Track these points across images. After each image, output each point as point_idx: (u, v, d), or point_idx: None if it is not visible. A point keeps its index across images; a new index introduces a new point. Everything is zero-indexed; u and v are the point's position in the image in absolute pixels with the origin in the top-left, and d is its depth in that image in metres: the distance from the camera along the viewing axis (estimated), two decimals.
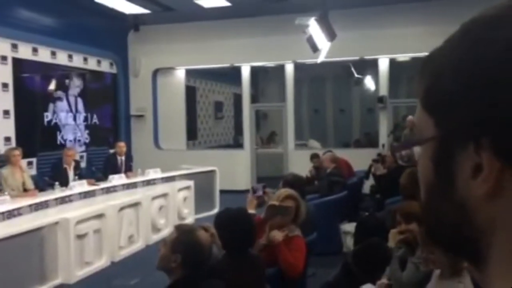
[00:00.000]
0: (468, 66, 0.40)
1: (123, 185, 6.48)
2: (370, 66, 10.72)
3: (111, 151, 8.05)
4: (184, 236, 2.09)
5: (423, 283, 2.52)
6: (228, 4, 8.64)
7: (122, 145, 7.64)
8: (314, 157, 7.30)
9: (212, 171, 8.00)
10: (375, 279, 2.51)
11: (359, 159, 7.64)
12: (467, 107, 0.39)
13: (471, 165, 0.39)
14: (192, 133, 11.86)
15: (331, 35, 7.01)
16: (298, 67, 10.10)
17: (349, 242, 5.11)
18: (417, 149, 0.46)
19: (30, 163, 7.38)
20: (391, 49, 9.03)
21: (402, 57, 9.60)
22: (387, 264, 2.76)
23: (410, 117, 8.17)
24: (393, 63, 9.49)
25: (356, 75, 11.72)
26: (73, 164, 6.61)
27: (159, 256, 2.09)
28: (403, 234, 2.73)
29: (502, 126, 0.38)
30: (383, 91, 9.52)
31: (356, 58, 9.76)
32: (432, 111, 0.43)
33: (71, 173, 6.55)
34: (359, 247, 2.89)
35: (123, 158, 7.57)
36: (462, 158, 0.40)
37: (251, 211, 3.35)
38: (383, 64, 9.49)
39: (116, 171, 7.07)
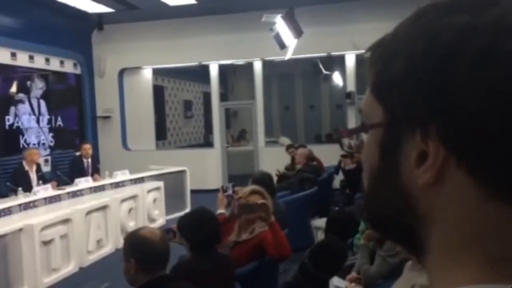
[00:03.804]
0: (418, 53, 0.39)
1: (90, 188, 6.32)
2: (338, 62, 10.85)
3: (77, 153, 7.85)
4: (129, 239, 2.06)
5: (392, 275, 2.56)
6: (193, 1, 8.56)
7: (87, 147, 7.46)
8: (289, 147, 7.91)
9: (183, 171, 7.93)
10: (333, 276, 2.54)
11: (330, 155, 7.71)
12: (416, 94, 0.39)
13: (416, 152, 0.39)
14: (161, 133, 11.71)
15: (297, 32, 7.05)
16: (266, 64, 10.12)
17: (320, 237, 5.15)
18: (365, 136, 0.46)
19: None
20: (358, 45, 9.16)
21: (367, 48, 9.74)
22: (343, 262, 2.80)
23: None
24: (359, 59, 9.62)
25: (324, 72, 11.84)
26: (34, 167, 6.41)
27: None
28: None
29: (450, 114, 0.37)
30: (351, 86, 9.65)
31: (324, 54, 9.85)
32: (381, 97, 0.42)
33: (33, 176, 6.35)
34: (315, 246, 2.93)
35: (89, 160, 7.39)
36: (408, 145, 0.40)
37: (222, 210, 3.34)
38: (350, 60, 9.62)
39: (83, 174, 6.89)
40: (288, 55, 7.72)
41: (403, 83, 0.40)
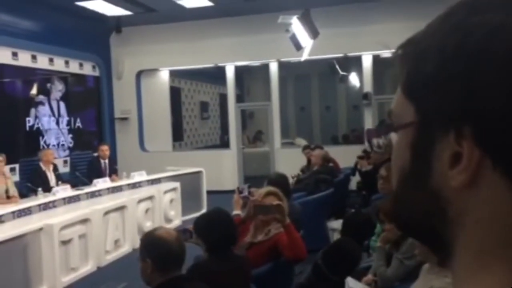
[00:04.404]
0: (449, 52, 0.39)
1: (108, 189, 6.40)
2: (354, 63, 10.77)
3: (95, 154, 7.96)
4: (145, 240, 2.09)
5: (408, 278, 2.52)
6: (210, 3, 8.61)
7: (105, 148, 7.54)
8: (305, 148, 8.01)
9: (199, 172, 7.97)
10: (346, 277, 2.52)
11: (346, 156, 7.67)
12: (449, 94, 0.38)
13: (449, 154, 0.38)
14: (177, 134, 11.79)
15: (313, 32, 7.03)
16: (282, 65, 10.11)
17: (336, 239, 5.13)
18: (394, 136, 0.45)
19: (12, 169, 7.25)
20: (374, 45, 9.08)
21: (386, 53, 9.66)
22: (357, 264, 2.77)
23: None
24: (376, 59, 9.54)
25: (340, 72, 11.78)
26: (51, 167, 6.53)
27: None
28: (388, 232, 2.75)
29: (484, 114, 0.37)
30: (368, 87, 9.57)
31: (340, 55, 9.80)
32: (413, 97, 0.42)
33: (51, 176, 6.46)
34: (328, 248, 2.92)
35: (107, 161, 7.47)
36: (441, 146, 0.39)
37: (237, 211, 3.34)
38: (367, 61, 9.54)
39: (100, 175, 6.98)
40: (304, 56, 7.70)
41: (436, 83, 0.39)
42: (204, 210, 7.22)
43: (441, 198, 0.40)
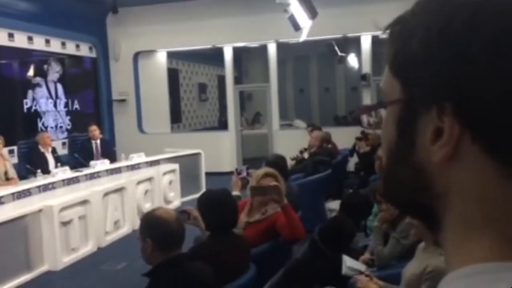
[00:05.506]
0: (435, 30, 0.40)
1: (106, 170, 6.43)
2: (353, 44, 10.70)
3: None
4: (145, 220, 2.11)
5: (404, 256, 2.57)
6: None
7: (93, 128, 7.39)
8: (309, 126, 8.23)
9: (197, 154, 7.98)
10: (342, 253, 2.57)
11: (344, 137, 7.69)
12: (433, 71, 0.39)
13: (432, 129, 0.40)
14: (176, 116, 11.77)
15: (312, 13, 6.96)
16: (281, 46, 10.03)
17: None
18: (383, 113, 0.46)
19: (11, 152, 7.26)
20: (373, 26, 9.01)
21: (385, 34, 9.58)
22: (351, 239, 2.82)
23: None
24: (375, 40, 9.47)
25: (339, 53, 11.70)
26: (50, 149, 6.53)
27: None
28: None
29: (466, 91, 0.38)
30: (366, 68, 9.53)
31: (339, 36, 9.72)
32: (399, 74, 0.43)
33: (50, 158, 6.46)
34: (324, 225, 2.96)
35: (98, 142, 7.42)
36: (424, 122, 0.40)
37: (236, 192, 3.37)
38: (366, 42, 9.48)
39: (91, 156, 6.94)
40: (303, 37, 7.64)
41: (420, 61, 0.40)
42: (202, 191, 7.26)
43: (426, 173, 0.41)
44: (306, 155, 6.63)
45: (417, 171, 0.41)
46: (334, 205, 5.28)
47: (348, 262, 2.71)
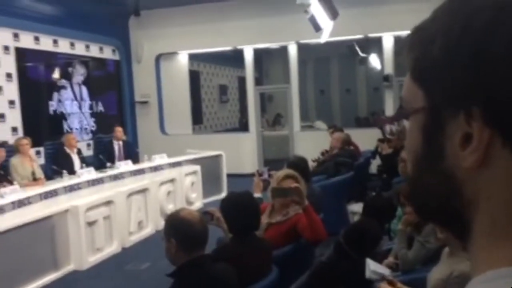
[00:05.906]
0: (456, 34, 0.39)
1: (130, 171, 6.53)
2: (375, 44, 10.59)
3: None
4: (169, 220, 2.14)
5: (429, 261, 2.53)
6: None
7: (118, 129, 7.57)
8: (331, 127, 8.23)
9: (219, 155, 8.02)
10: (367, 256, 2.55)
11: (366, 139, 7.62)
12: (457, 76, 0.39)
13: (460, 135, 0.39)
14: (197, 118, 11.86)
15: (333, 13, 6.92)
16: (301, 47, 10.00)
17: None
18: (406, 123, 0.46)
19: (38, 152, 7.44)
20: (395, 26, 8.90)
21: (407, 33, 9.46)
22: (377, 242, 2.79)
23: None
24: (397, 40, 9.36)
25: (360, 54, 11.60)
26: (75, 150, 6.67)
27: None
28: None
29: (491, 94, 0.37)
30: (389, 69, 9.42)
31: (360, 36, 9.64)
32: (421, 81, 0.42)
33: (76, 159, 6.60)
34: (349, 227, 2.94)
35: (121, 143, 7.53)
36: (451, 128, 0.40)
37: (258, 194, 3.38)
38: (388, 42, 9.38)
39: (113, 157, 7.04)
40: (324, 37, 7.61)
41: (442, 66, 0.40)
42: (224, 193, 7.30)
43: (455, 179, 0.40)
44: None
45: (447, 177, 0.41)
46: (356, 207, 5.24)
47: (372, 266, 2.69)
